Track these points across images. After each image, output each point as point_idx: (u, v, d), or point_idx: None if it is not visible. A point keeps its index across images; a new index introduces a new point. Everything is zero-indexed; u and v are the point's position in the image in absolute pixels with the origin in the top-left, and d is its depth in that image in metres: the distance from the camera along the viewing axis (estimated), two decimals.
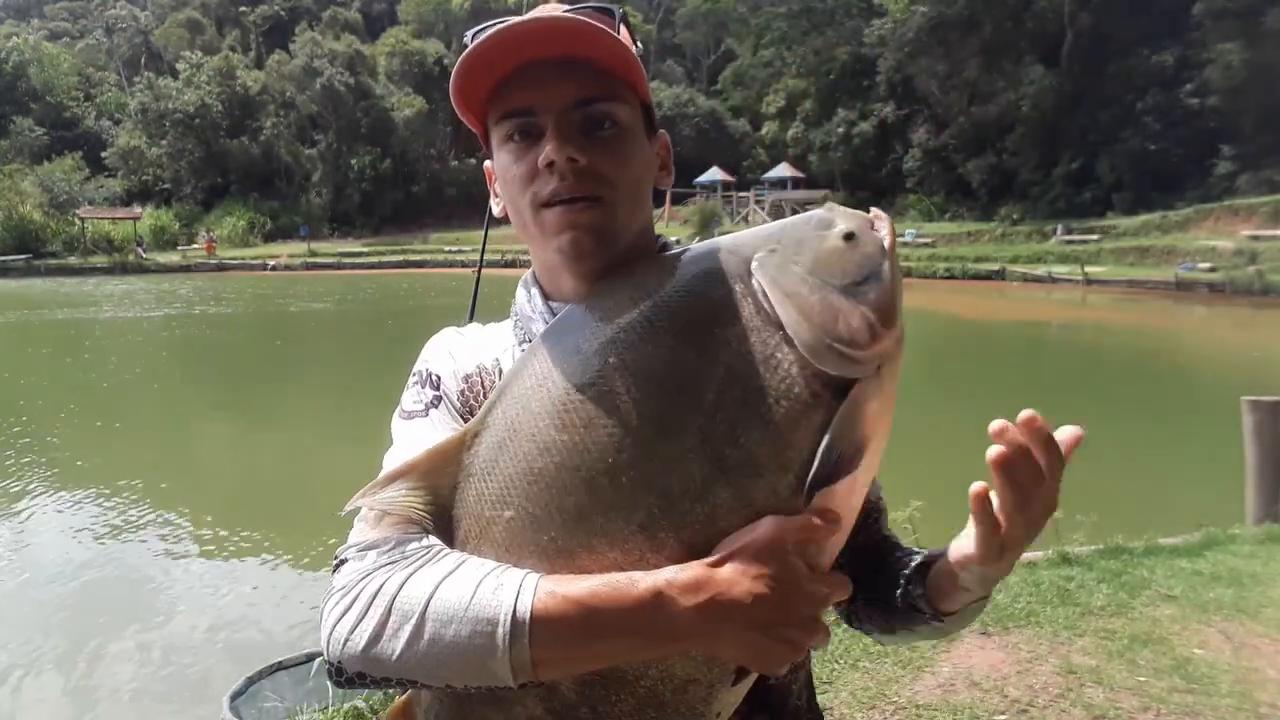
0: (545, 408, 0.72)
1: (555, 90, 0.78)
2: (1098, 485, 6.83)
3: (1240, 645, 3.40)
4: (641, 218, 0.85)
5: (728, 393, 0.70)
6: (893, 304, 0.73)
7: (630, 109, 0.81)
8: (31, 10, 69.76)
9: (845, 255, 0.74)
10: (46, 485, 7.38)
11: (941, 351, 16.12)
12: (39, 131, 46.87)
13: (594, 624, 0.64)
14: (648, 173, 0.85)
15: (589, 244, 0.79)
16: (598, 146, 0.78)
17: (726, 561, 0.66)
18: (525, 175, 0.80)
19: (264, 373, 14.22)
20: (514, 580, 0.65)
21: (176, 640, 4.66)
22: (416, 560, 0.69)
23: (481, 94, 0.80)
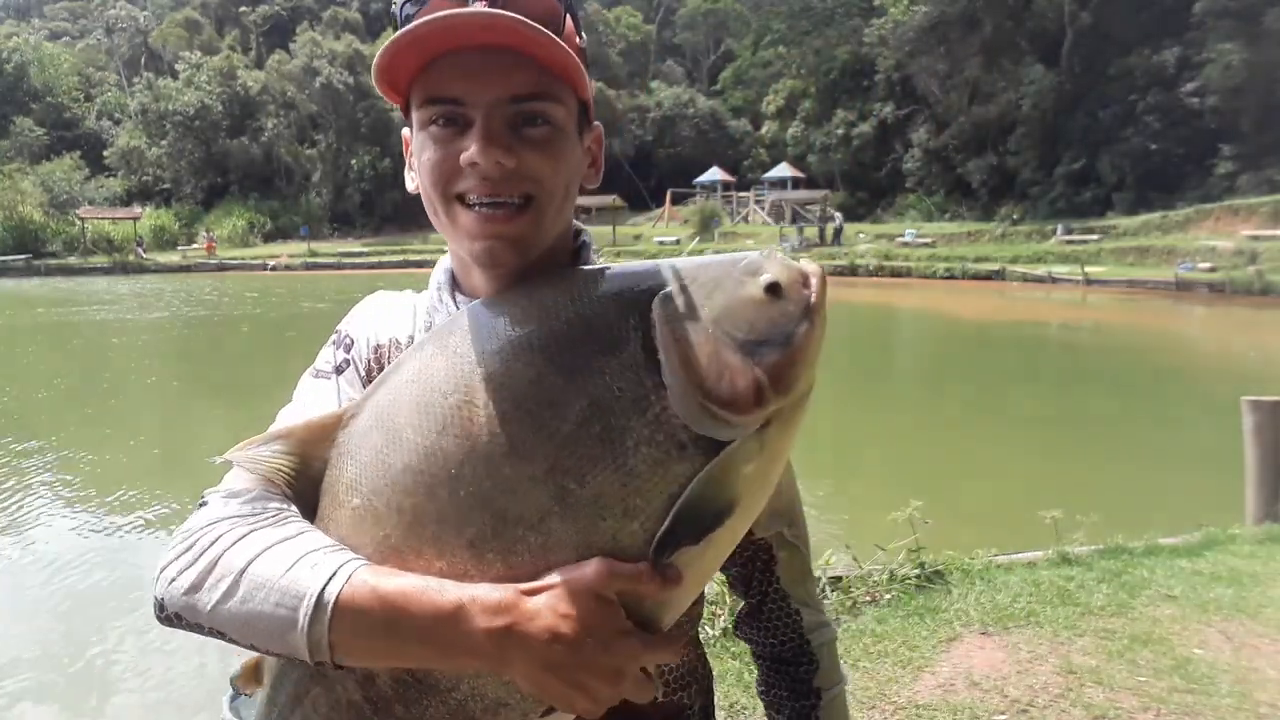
0: (409, 405, 0.72)
1: (488, 83, 0.73)
2: (1098, 485, 6.85)
3: (1240, 645, 3.40)
4: (564, 220, 0.82)
5: (586, 427, 0.67)
6: (794, 370, 0.68)
7: (565, 109, 0.77)
8: (31, 10, 69.74)
9: (759, 309, 0.70)
10: (46, 484, 7.38)
11: (941, 351, 16.12)
12: (39, 131, 46.84)
13: (394, 622, 0.63)
14: (576, 173, 0.82)
15: (505, 254, 0.76)
16: (527, 145, 0.74)
17: (541, 592, 0.64)
18: (443, 165, 0.75)
19: (264, 373, 14.21)
20: (333, 563, 0.66)
21: (176, 640, 4.65)
22: (263, 520, 0.71)
23: (407, 74, 0.76)
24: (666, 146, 45.22)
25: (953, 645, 3.42)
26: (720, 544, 0.69)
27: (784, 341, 0.68)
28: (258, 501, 0.73)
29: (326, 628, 0.63)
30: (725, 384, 0.67)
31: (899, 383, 13.37)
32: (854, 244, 31.22)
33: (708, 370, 0.67)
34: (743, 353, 0.68)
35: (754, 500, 0.70)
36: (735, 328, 0.69)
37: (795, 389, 0.69)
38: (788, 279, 0.71)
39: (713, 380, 0.67)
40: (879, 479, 7.48)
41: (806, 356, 0.70)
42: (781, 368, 0.68)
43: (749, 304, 0.70)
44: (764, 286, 0.70)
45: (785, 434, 0.71)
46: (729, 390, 0.67)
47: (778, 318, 0.69)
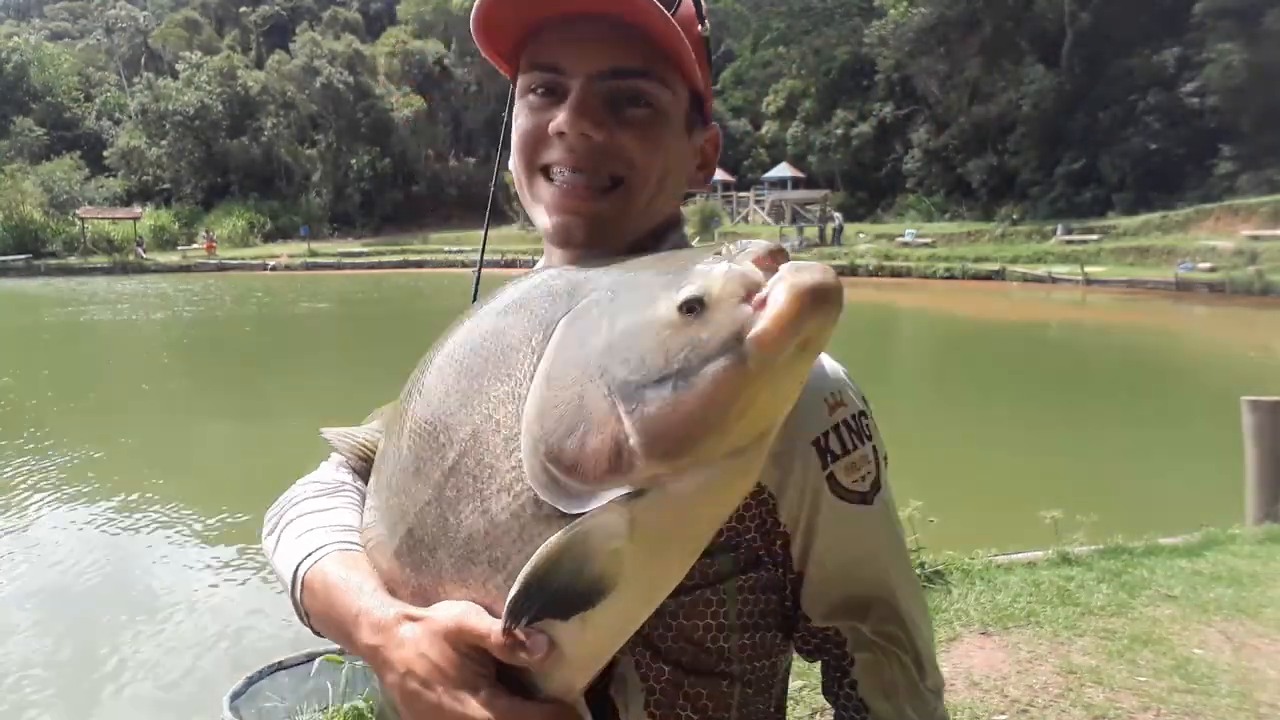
0: (402, 393, 0.73)
1: (589, 52, 0.69)
2: (1098, 485, 6.85)
3: (1240, 645, 3.40)
4: (660, 214, 0.75)
5: (465, 458, 0.61)
6: (684, 427, 0.49)
7: (673, 95, 0.71)
8: (32, 10, 69.74)
9: (661, 335, 0.51)
10: (46, 485, 7.37)
11: (941, 351, 16.13)
12: (39, 131, 46.84)
13: (325, 611, 0.70)
14: (679, 167, 0.75)
15: (580, 233, 0.71)
16: (623, 125, 0.70)
17: (418, 622, 0.63)
18: (534, 134, 0.72)
19: (264, 373, 14.21)
20: (318, 542, 0.73)
21: (177, 640, 4.65)
22: (322, 489, 0.81)
23: (508, 39, 0.73)
24: None
25: (953, 645, 3.41)
26: (607, 625, 0.58)
27: (678, 383, 0.50)
28: (335, 469, 0.84)
29: (300, 597, 0.72)
30: (573, 441, 0.53)
31: (899, 383, 13.37)
32: (854, 244, 31.22)
33: (560, 419, 0.54)
34: (617, 398, 0.51)
35: (644, 579, 0.57)
36: (620, 361, 0.52)
37: (683, 452, 0.50)
38: (721, 292, 0.51)
39: (559, 434, 0.53)
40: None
41: (711, 410, 0.49)
42: (663, 421, 0.50)
43: (650, 327, 0.52)
44: (679, 303, 0.51)
45: (675, 511, 0.53)
46: (574, 450, 0.52)
47: (681, 349, 0.50)
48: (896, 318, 21.22)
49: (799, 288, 0.48)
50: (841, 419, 0.73)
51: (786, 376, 0.51)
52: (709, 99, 0.77)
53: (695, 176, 0.79)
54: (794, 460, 0.71)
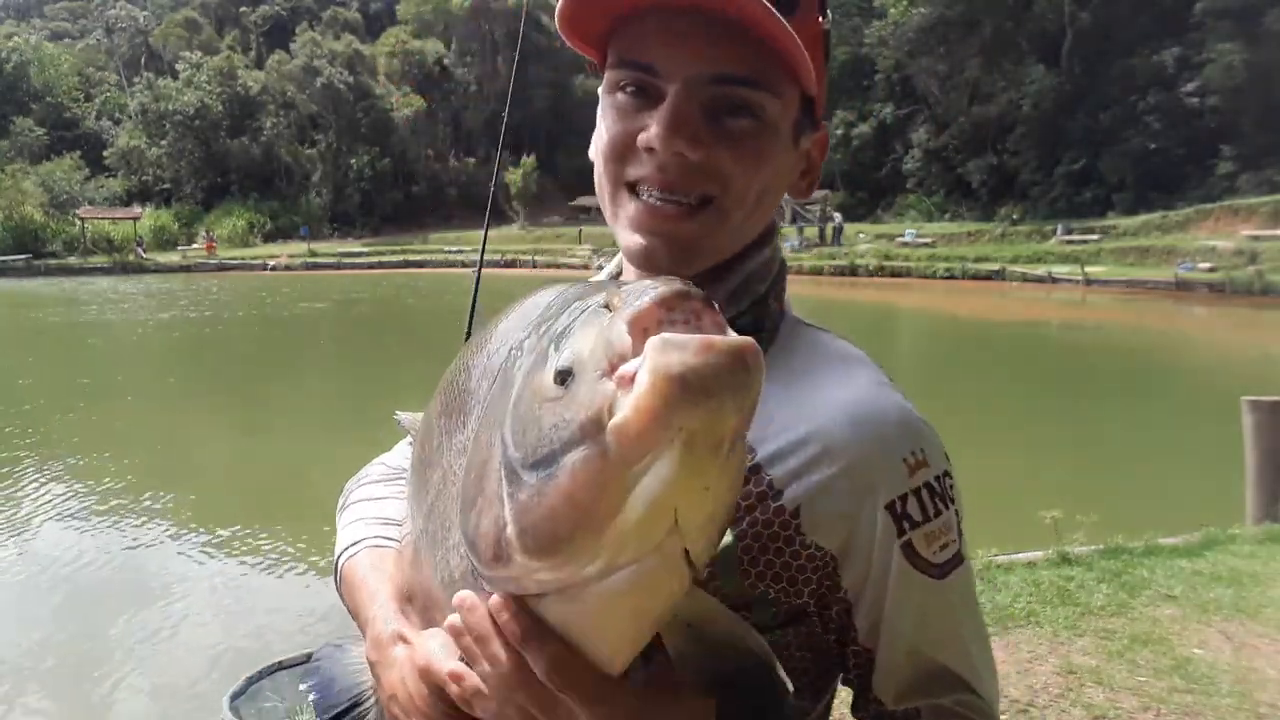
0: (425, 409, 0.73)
1: (690, 53, 0.61)
2: (1098, 485, 6.85)
3: (1240, 645, 3.40)
4: (753, 232, 0.69)
5: (438, 502, 0.59)
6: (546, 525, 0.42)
7: (782, 104, 0.63)
8: (32, 10, 69.74)
9: (542, 407, 0.43)
10: (46, 485, 7.37)
11: (941, 352, 16.12)
12: (39, 131, 46.86)
13: (350, 605, 0.74)
14: (780, 181, 0.68)
15: (664, 257, 0.64)
16: (722, 139, 0.62)
17: (408, 645, 0.62)
18: (620, 142, 0.64)
19: (265, 373, 14.21)
20: (358, 534, 0.77)
21: (177, 640, 4.65)
22: (384, 476, 0.85)
23: (599, 25, 0.65)
24: None
25: None
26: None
27: (543, 472, 0.42)
28: (403, 456, 0.86)
29: (339, 585, 0.77)
30: (473, 518, 0.48)
31: (899, 383, 13.37)
32: (854, 244, 31.22)
33: (468, 488, 0.49)
34: (504, 475, 0.45)
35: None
36: (511, 432, 0.45)
37: (557, 554, 0.43)
38: (586, 362, 0.42)
39: (466, 504, 0.49)
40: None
41: (571, 508, 0.41)
42: (531, 516, 0.43)
43: (533, 396, 0.45)
44: (555, 370, 0.43)
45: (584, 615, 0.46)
46: (472, 529, 0.48)
47: (548, 428, 0.42)
48: (896, 318, 21.21)
49: (661, 373, 0.38)
50: (924, 481, 0.64)
51: (681, 474, 0.39)
52: (822, 99, 0.68)
53: (798, 185, 0.71)
54: (861, 524, 0.63)
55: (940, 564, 0.64)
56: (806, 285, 27.19)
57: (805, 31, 0.60)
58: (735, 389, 0.39)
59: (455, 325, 2.02)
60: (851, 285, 26.89)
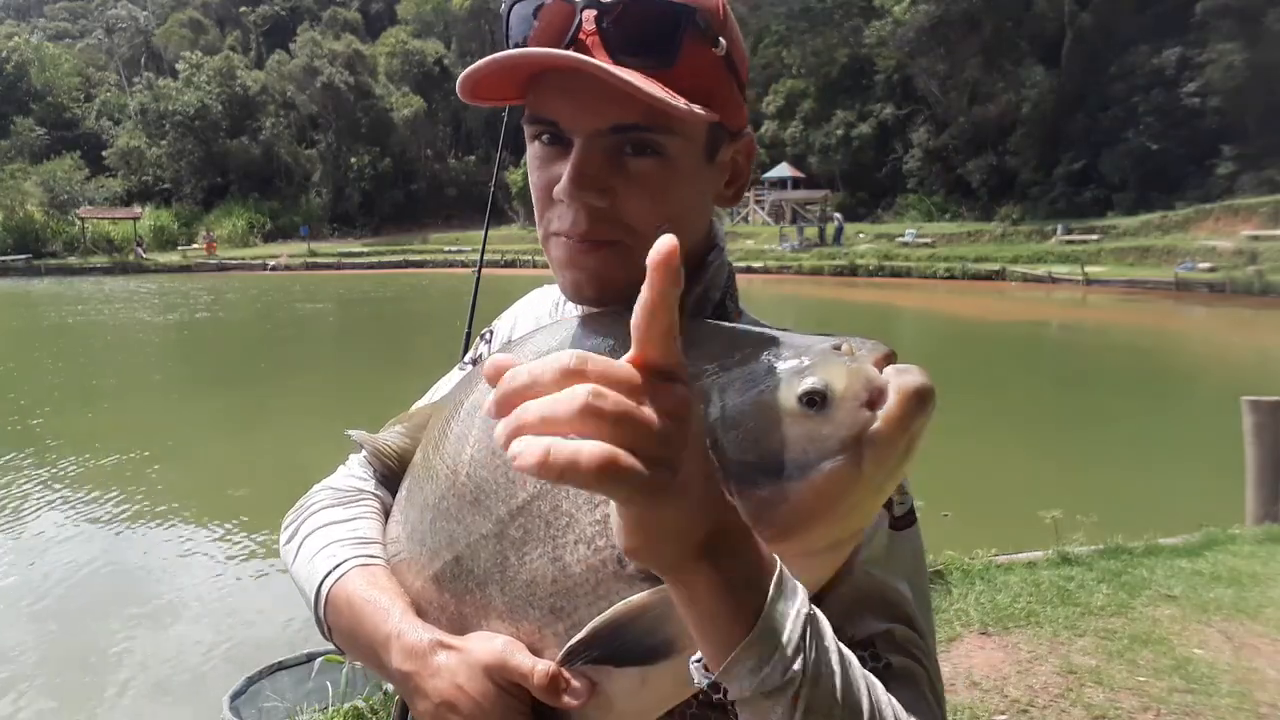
0: (444, 416, 0.72)
1: (586, 109, 0.65)
2: (1098, 485, 6.85)
3: (1240, 645, 3.40)
4: (690, 246, 0.72)
5: (537, 501, 0.60)
6: (791, 517, 0.51)
7: (681, 139, 0.66)
8: (32, 10, 69.75)
9: (779, 421, 0.52)
10: (46, 485, 7.38)
11: (941, 351, 16.12)
12: (39, 131, 46.88)
13: (351, 630, 0.69)
14: (699, 199, 0.72)
15: (590, 291, 0.70)
16: (627, 180, 0.66)
17: (455, 651, 0.62)
18: (543, 190, 0.70)
19: (265, 373, 14.21)
20: (341, 557, 0.72)
21: (176, 640, 4.66)
22: (342, 498, 0.80)
23: (505, 94, 0.69)
24: None
25: (953, 645, 3.41)
26: (664, 684, 0.57)
27: (793, 473, 0.50)
28: (354, 477, 0.83)
29: (323, 614, 0.71)
30: None
31: None
32: (854, 244, 31.23)
33: None
34: (725, 474, 0.51)
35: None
36: (734, 438, 0.53)
37: (786, 540, 0.51)
38: (843, 389, 0.51)
39: None
40: None
41: (822, 503, 0.50)
42: (773, 507, 0.50)
43: (767, 411, 0.52)
44: (800, 393, 0.51)
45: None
46: None
47: (800, 440, 0.51)
48: (897, 318, 21.22)
49: (908, 390, 0.51)
50: None
51: (891, 477, 0.53)
52: (737, 111, 0.71)
53: (724, 194, 0.75)
54: None
55: (899, 517, 0.69)
56: (806, 285, 27.19)
57: (694, 71, 0.65)
58: (934, 400, 0.52)
59: (455, 325, 2.01)
60: (851, 285, 26.89)
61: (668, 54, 0.64)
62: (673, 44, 0.64)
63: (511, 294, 0.94)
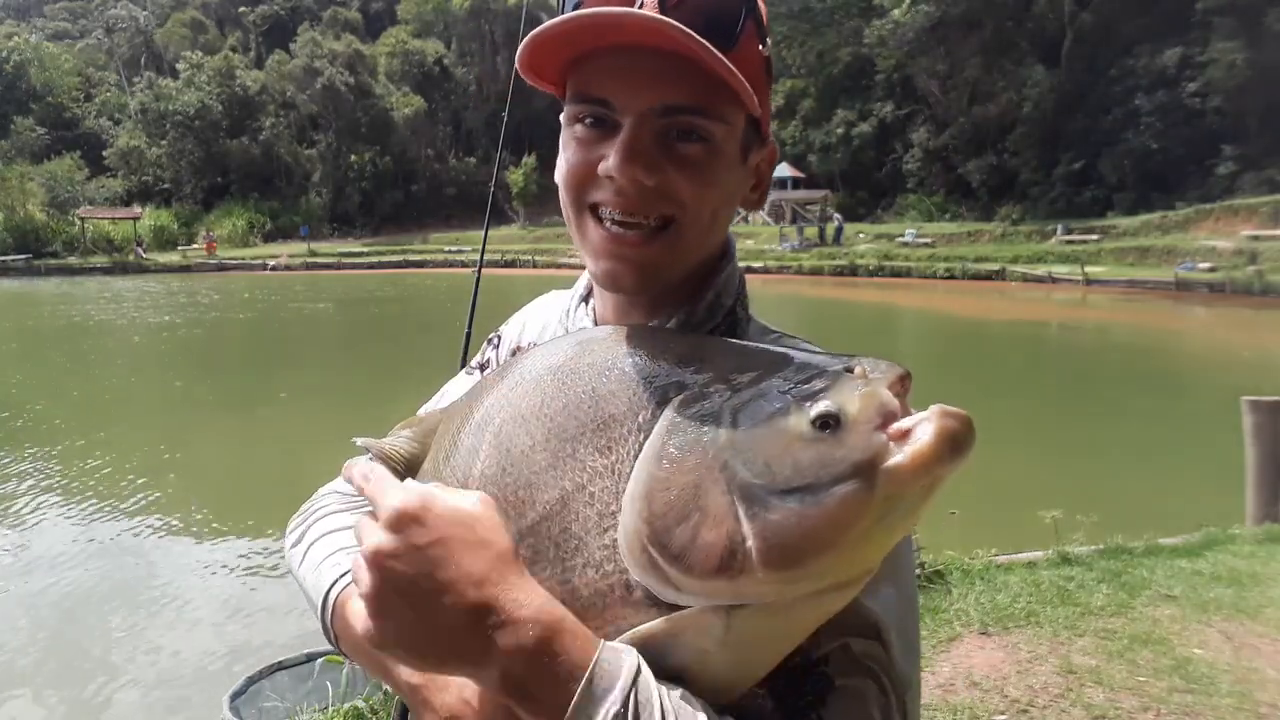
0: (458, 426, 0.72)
1: (641, 88, 0.66)
2: (1098, 485, 6.85)
3: (1240, 645, 3.40)
4: (710, 246, 0.74)
5: (548, 522, 0.60)
6: (804, 544, 0.49)
7: (727, 127, 0.68)
8: (31, 10, 69.74)
9: (791, 445, 0.51)
10: (46, 485, 7.38)
11: (941, 351, 16.12)
12: (39, 131, 46.88)
13: (357, 639, 0.66)
14: (732, 198, 0.73)
15: (629, 281, 0.70)
16: (675, 163, 0.67)
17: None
18: (581, 170, 0.69)
19: (265, 373, 14.21)
20: (346, 565, 0.71)
21: (177, 640, 4.66)
22: (350, 501, 0.80)
23: (557, 67, 0.70)
24: None
25: (953, 645, 3.42)
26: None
27: (805, 499, 0.49)
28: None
29: (331, 622, 0.71)
30: (684, 530, 0.51)
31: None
32: (854, 244, 31.24)
33: (671, 504, 0.52)
34: (736, 497, 0.51)
35: (719, 682, 0.55)
36: (743, 461, 0.52)
37: (796, 567, 0.49)
38: (857, 413, 0.50)
39: (670, 519, 0.52)
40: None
41: (833, 529, 0.48)
42: (783, 531, 0.49)
43: (779, 434, 0.52)
44: (813, 416, 0.51)
45: (772, 626, 0.52)
46: (685, 539, 0.51)
47: (812, 463, 0.50)
48: (897, 318, 21.22)
49: (948, 433, 0.48)
50: None
51: (906, 515, 0.50)
52: (767, 119, 0.73)
53: (749, 198, 0.76)
54: None
55: None
56: (806, 285, 27.19)
57: (747, 61, 0.66)
58: (971, 449, 0.49)
59: (455, 325, 2.01)
60: (851, 285, 26.90)
61: (729, 37, 0.65)
62: (735, 28, 0.66)
63: (511, 294, 0.94)
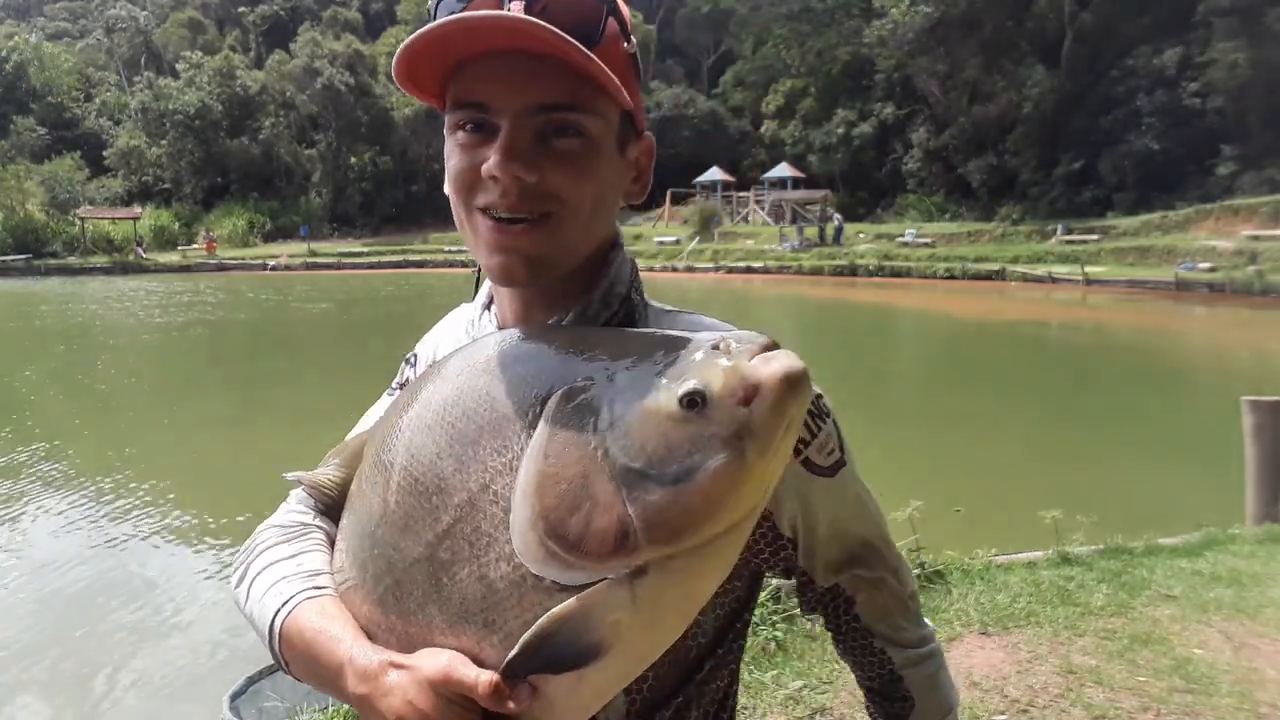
0: (377, 445, 0.73)
1: (515, 89, 0.69)
2: (1098, 485, 6.85)
3: (1240, 645, 3.40)
4: (596, 237, 0.76)
5: (461, 523, 0.62)
6: (686, 516, 0.53)
7: (602, 120, 0.71)
8: (32, 10, 69.73)
9: (663, 426, 0.54)
10: (46, 485, 7.38)
11: (941, 352, 16.12)
12: (39, 131, 46.87)
13: (308, 662, 0.70)
14: (612, 188, 0.76)
15: (521, 272, 0.72)
16: (553, 159, 0.69)
17: (405, 669, 0.64)
18: (468, 173, 0.72)
19: (264, 373, 14.21)
20: (291, 591, 0.73)
21: (177, 640, 4.66)
22: (287, 534, 0.81)
23: (434, 77, 0.72)
24: (666, 146, 45.10)
25: (953, 645, 3.41)
26: (601, 682, 0.60)
27: (680, 476, 0.53)
28: (295, 514, 0.84)
29: (279, 649, 0.72)
30: (577, 520, 0.55)
31: (899, 383, 13.37)
32: (854, 244, 31.22)
33: (561, 497, 0.55)
34: (619, 482, 0.54)
35: (641, 645, 0.60)
36: (621, 447, 0.55)
37: (685, 538, 0.54)
38: (720, 389, 0.54)
39: (561, 512, 0.55)
40: (879, 479, 7.45)
41: (712, 501, 0.53)
42: (666, 510, 0.53)
43: (652, 417, 0.55)
44: (680, 397, 0.54)
45: (676, 587, 0.57)
46: (579, 528, 0.55)
47: (683, 442, 0.53)
48: (896, 318, 21.21)
49: (775, 378, 0.53)
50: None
51: (777, 458, 0.56)
52: (639, 112, 0.77)
53: (630, 190, 0.79)
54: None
55: (833, 464, 0.77)
56: (806, 285, 27.20)
57: (613, 57, 0.70)
58: (809, 384, 0.54)
59: None
60: (851, 285, 26.89)
61: (594, 35, 0.69)
62: (599, 26, 0.69)
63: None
